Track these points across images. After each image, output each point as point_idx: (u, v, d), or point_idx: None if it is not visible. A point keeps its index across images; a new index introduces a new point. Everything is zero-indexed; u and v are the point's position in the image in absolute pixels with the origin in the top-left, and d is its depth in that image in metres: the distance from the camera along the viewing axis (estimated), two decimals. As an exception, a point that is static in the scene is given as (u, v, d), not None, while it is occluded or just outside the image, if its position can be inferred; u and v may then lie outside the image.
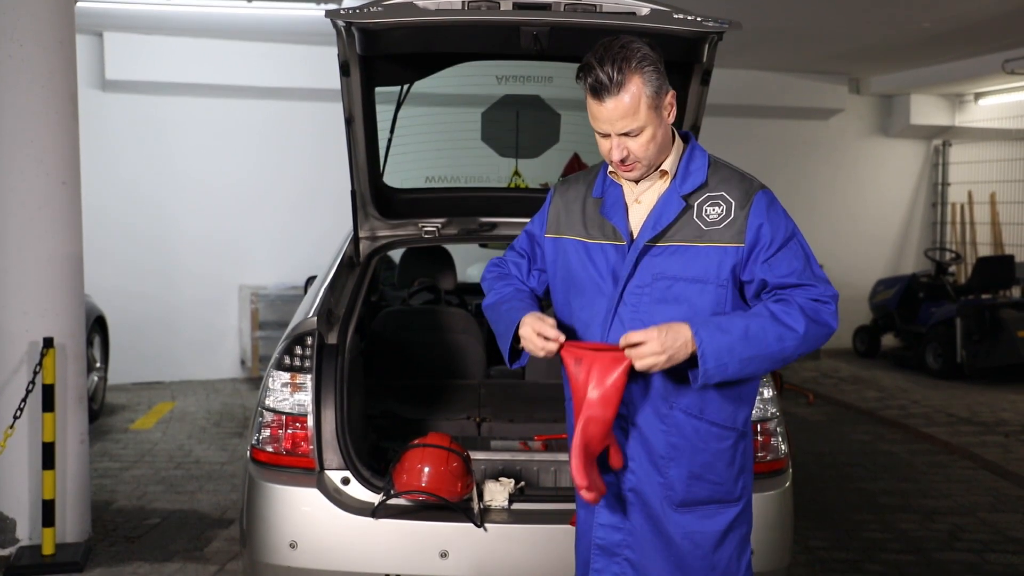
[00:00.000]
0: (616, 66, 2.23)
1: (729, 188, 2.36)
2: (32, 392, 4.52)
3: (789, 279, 2.31)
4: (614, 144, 2.31)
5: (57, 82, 4.62)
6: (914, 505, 5.69)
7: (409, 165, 4.23)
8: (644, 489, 2.40)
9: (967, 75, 10.18)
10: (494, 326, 2.58)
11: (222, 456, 6.57)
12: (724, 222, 2.33)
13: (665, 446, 2.38)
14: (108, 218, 8.70)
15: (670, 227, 2.35)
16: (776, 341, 2.26)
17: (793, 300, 2.29)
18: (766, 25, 8.19)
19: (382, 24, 3.07)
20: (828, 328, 2.31)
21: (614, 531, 2.44)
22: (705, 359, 2.22)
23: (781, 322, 2.27)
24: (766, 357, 2.27)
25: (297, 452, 3.23)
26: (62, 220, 4.68)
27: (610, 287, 2.39)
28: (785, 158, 11.30)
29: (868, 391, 9.24)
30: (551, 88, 4.44)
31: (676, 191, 2.37)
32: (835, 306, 2.32)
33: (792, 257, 2.33)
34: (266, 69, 9.05)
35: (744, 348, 2.24)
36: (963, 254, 11.78)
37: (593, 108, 2.29)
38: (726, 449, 2.41)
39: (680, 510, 2.40)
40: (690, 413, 2.37)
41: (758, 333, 2.25)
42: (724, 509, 2.43)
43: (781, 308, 2.28)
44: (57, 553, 4.52)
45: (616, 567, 2.44)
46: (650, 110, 2.27)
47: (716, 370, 2.24)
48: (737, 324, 2.26)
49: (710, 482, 2.40)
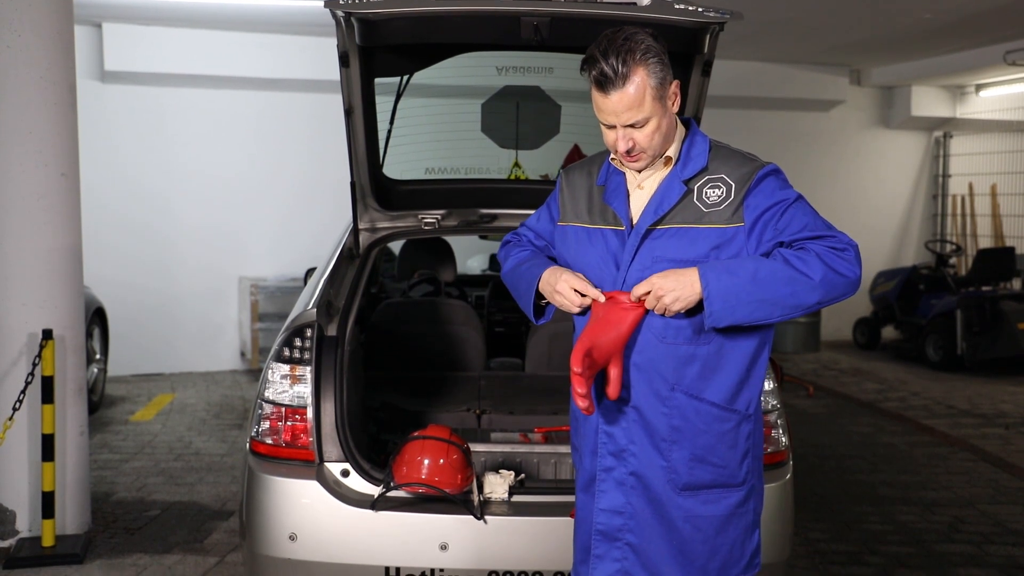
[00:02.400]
0: (620, 58, 2.23)
1: (729, 170, 2.37)
2: (31, 384, 4.51)
3: (803, 233, 2.29)
4: (620, 135, 2.31)
5: (56, 73, 4.61)
6: (914, 497, 5.69)
7: (409, 156, 4.21)
8: (646, 473, 2.40)
9: (968, 66, 10.16)
10: (515, 287, 2.60)
11: (222, 448, 6.57)
12: (724, 203, 2.33)
13: (667, 429, 2.38)
14: (107, 209, 8.69)
15: (671, 211, 2.36)
16: (787, 284, 2.23)
17: (810, 248, 2.27)
18: (767, 16, 8.17)
19: (382, 14, 3.05)
20: (847, 277, 2.25)
21: (615, 516, 2.43)
22: (711, 300, 2.23)
23: (794, 267, 2.24)
24: (777, 301, 2.24)
25: (297, 444, 3.23)
26: (61, 211, 4.67)
27: (612, 271, 2.41)
28: (786, 150, 11.28)
29: (868, 383, 9.25)
30: (551, 79, 4.42)
31: (677, 176, 2.38)
32: (854, 254, 2.27)
33: (802, 214, 2.31)
34: (265, 60, 9.03)
35: (753, 290, 2.23)
36: (964, 246, 11.78)
37: (598, 100, 2.30)
38: (728, 431, 2.40)
39: (683, 494, 2.39)
40: (690, 394, 2.37)
41: (768, 277, 2.23)
42: (728, 493, 2.42)
43: (795, 255, 2.25)
44: (57, 545, 4.53)
45: (617, 551, 2.44)
46: (655, 101, 2.28)
47: (724, 312, 2.24)
48: (747, 267, 2.25)
49: (713, 465, 2.39)
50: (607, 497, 2.44)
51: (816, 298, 2.25)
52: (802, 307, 2.27)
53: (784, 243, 2.30)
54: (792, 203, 2.32)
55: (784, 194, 2.33)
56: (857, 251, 2.29)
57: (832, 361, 10.48)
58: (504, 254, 2.74)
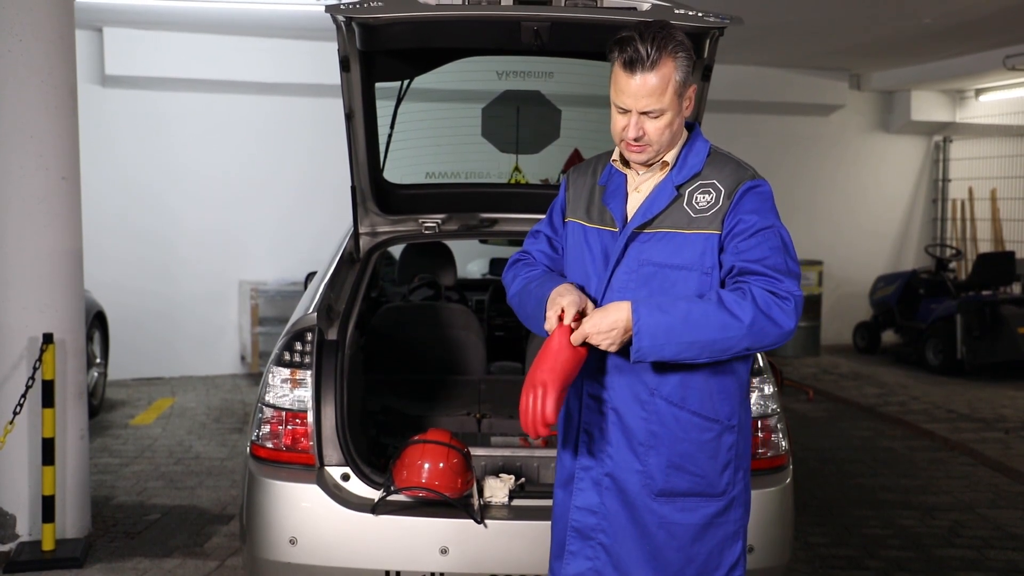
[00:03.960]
0: (656, 44, 2.25)
1: (721, 177, 2.37)
2: (32, 388, 4.51)
3: (754, 266, 2.28)
4: (632, 121, 2.31)
5: (57, 77, 4.61)
6: (914, 501, 5.69)
7: (409, 161, 4.22)
8: (621, 475, 2.40)
9: (968, 71, 10.16)
10: (522, 307, 2.52)
11: (222, 452, 6.57)
12: (712, 210, 2.34)
13: (644, 433, 2.38)
14: (108, 214, 8.69)
15: (660, 214, 2.36)
16: (718, 330, 2.22)
17: (748, 290, 2.25)
18: (767, 21, 8.18)
19: (383, 19, 3.06)
20: (781, 327, 2.24)
21: (589, 514, 2.44)
22: (640, 336, 2.23)
23: (727, 310, 2.22)
24: (705, 345, 2.24)
25: (297, 448, 3.23)
26: (62, 215, 4.68)
27: (600, 271, 2.42)
28: (786, 154, 11.29)
29: (868, 387, 9.24)
30: (551, 84, 4.43)
31: (671, 181, 2.39)
32: (793, 305, 2.25)
33: (765, 245, 2.30)
34: (266, 64, 9.04)
35: (683, 331, 2.22)
36: (963, 250, 11.78)
37: (621, 81, 2.30)
38: (708, 441, 2.39)
39: (659, 500, 2.39)
40: (671, 402, 2.36)
41: (700, 318, 2.22)
42: (705, 503, 2.41)
43: (732, 296, 2.24)
44: (57, 549, 4.52)
45: (590, 550, 2.45)
46: (675, 96, 2.30)
47: (651, 349, 2.24)
48: (679, 307, 2.24)
49: (691, 474, 2.38)
50: (583, 495, 2.45)
51: (745, 344, 2.25)
52: (730, 352, 2.27)
53: (734, 268, 2.30)
54: (762, 230, 2.31)
55: (760, 217, 2.32)
56: (799, 304, 2.28)
57: (832, 365, 10.48)
58: (511, 276, 2.64)
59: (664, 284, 2.35)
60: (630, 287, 2.37)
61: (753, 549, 3.12)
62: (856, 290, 11.63)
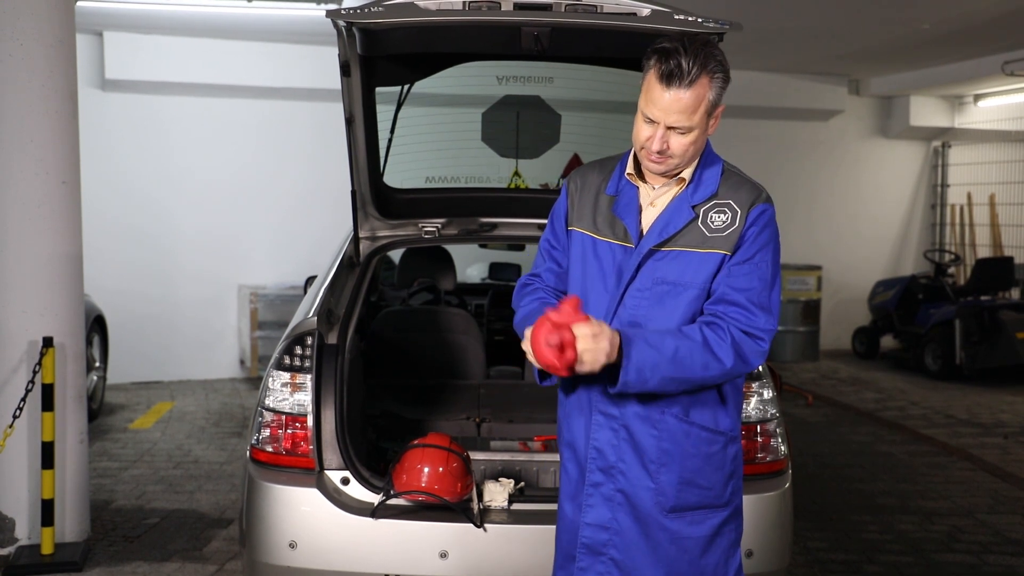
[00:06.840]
0: (698, 61, 2.24)
1: (737, 197, 2.37)
2: (31, 391, 4.51)
3: (737, 296, 2.32)
4: (658, 134, 2.30)
5: (57, 81, 4.62)
6: (913, 506, 5.69)
7: (409, 165, 4.23)
8: (634, 493, 2.40)
9: (967, 76, 10.19)
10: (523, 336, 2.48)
11: (221, 456, 6.57)
12: (728, 230, 2.34)
13: (656, 451, 2.38)
14: (108, 217, 8.69)
15: (676, 235, 2.36)
16: (701, 368, 2.28)
17: (728, 330, 2.30)
18: (766, 26, 8.19)
19: (383, 24, 3.06)
20: (751, 366, 2.34)
21: (601, 531, 2.44)
22: (627, 370, 2.24)
23: (711, 351, 2.28)
24: (686, 380, 2.30)
25: (297, 452, 3.23)
26: (62, 219, 4.68)
27: (612, 286, 2.41)
28: (784, 159, 11.31)
29: (867, 392, 9.25)
30: (551, 89, 4.44)
31: (687, 200, 2.38)
32: (767, 344, 2.33)
33: (755, 275, 2.33)
34: (266, 69, 9.05)
35: (669, 368, 2.26)
36: (962, 256, 11.79)
37: (654, 93, 2.27)
38: (715, 453, 2.42)
39: (670, 516, 2.40)
40: (679, 417, 2.38)
41: (686, 357, 2.27)
42: (712, 514, 2.43)
43: (714, 336, 2.29)
44: (56, 552, 4.52)
45: (601, 566, 2.44)
46: (704, 115, 2.29)
47: (636, 383, 2.26)
48: (668, 344, 2.26)
49: (700, 487, 2.41)
50: (594, 512, 2.45)
51: (718, 380, 2.34)
52: (701, 386, 2.35)
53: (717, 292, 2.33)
54: (755, 255, 2.34)
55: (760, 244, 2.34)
56: (771, 337, 2.35)
57: (831, 370, 10.48)
58: (516, 301, 2.65)
59: (678, 301, 2.35)
60: (642, 305, 2.37)
61: (752, 553, 3.12)
62: (855, 295, 11.64)
